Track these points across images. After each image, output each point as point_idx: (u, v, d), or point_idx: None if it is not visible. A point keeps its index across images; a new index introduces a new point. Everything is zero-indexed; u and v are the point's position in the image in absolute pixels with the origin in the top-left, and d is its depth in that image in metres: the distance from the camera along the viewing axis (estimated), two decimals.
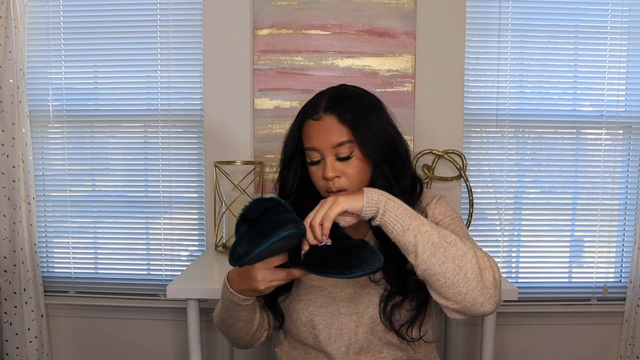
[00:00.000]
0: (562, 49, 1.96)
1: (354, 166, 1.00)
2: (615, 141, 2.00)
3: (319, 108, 1.02)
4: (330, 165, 0.99)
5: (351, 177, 1.00)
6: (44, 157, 2.03)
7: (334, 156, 1.00)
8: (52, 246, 2.08)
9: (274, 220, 0.82)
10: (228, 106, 1.91)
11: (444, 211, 1.06)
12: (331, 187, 0.99)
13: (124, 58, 1.98)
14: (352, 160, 1.00)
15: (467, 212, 1.91)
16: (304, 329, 1.05)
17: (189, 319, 1.41)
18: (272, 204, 0.86)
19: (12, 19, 1.83)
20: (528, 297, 2.02)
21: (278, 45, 1.89)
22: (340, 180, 0.99)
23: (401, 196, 0.97)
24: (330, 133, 0.99)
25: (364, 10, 1.87)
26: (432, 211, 1.06)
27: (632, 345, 1.97)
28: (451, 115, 1.90)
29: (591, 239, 2.04)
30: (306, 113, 1.04)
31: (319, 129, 1.00)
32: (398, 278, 0.99)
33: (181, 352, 2.03)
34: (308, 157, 1.04)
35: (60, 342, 2.07)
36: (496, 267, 0.92)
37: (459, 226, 1.05)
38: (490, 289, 0.88)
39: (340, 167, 1.00)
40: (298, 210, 1.00)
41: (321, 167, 1.01)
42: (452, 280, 0.87)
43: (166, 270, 2.05)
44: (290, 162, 1.08)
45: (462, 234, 1.02)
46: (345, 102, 1.02)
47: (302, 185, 1.08)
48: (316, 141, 1.00)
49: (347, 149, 0.99)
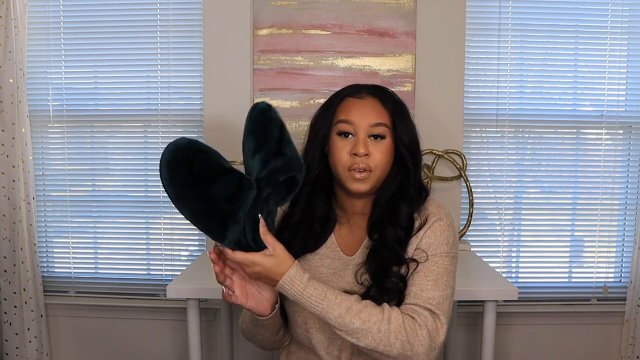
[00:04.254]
0: (562, 49, 1.96)
1: (384, 150, 0.99)
2: (615, 141, 2.00)
3: (361, 89, 1.04)
4: (363, 141, 0.98)
5: (378, 160, 0.99)
6: (44, 157, 2.03)
7: (367, 135, 0.99)
8: (52, 246, 2.08)
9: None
10: (228, 106, 1.91)
11: (433, 242, 0.99)
12: (358, 163, 0.97)
13: (124, 58, 1.98)
14: (383, 142, 1.00)
15: (467, 212, 1.91)
16: (300, 331, 1.06)
17: (189, 319, 1.41)
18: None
19: (12, 19, 1.83)
20: (528, 297, 2.02)
21: (278, 45, 1.89)
22: (369, 159, 0.98)
23: (408, 201, 1.00)
24: (371, 112, 1.00)
25: (364, 10, 1.87)
26: (423, 234, 1.00)
27: (632, 345, 1.97)
28: (451, 115, 1.90)
29: (591, 239, 2.04)
30: (347, 92, 1.04)
31: (360, 105, 1.01)
32: (378, 274, 0.98)
33: (181, 352, 2.03)
34: (338, 129, 1.01)
35: (60, 342, 2.07)
36: (426, 341, 0.90)
37: (437, 267, 0.98)
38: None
39: (371, 146, 0.99)
40: (309, 205, 1.02)
41: (350, 142, 0.99)
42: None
43: (166, 270, 2.05)
44: (316, 141, 1.04)
45: (431, 278, 0.96)
46: (386, 92, 1.05)
47: (318, 175, 1.05)
48: (355, 115, 1.00)
49: (382, 130, 0.99)
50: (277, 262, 0.88)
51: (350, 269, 1.03)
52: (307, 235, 1.05)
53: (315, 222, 1.06)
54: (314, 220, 1.06)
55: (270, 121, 0.91)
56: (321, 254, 1.06)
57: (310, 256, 1.06)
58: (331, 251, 1.07)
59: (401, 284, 0.98)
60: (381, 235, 1.01)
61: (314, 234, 1.06)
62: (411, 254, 1.00)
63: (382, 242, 1.00)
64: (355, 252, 1.06)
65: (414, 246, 1.00)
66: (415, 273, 0.98)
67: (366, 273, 1.00)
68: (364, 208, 1.06)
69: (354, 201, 1.06)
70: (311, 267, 1.06)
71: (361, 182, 0.98)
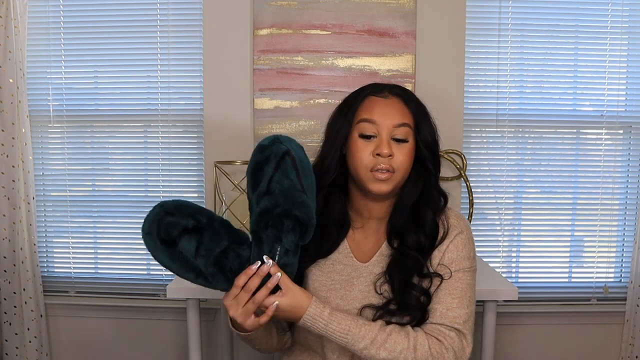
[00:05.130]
0: (562, 49, 1.95)
1: (406, 152, 0.97)
2: (615, 141, 2.00)
3: (384, 89, 1.01)
4: (386, 142, 0.95)
5: (400, 162, 0.96)
6: (44, 157, 2.03)
7: (390, 136, 0.96)
8: (52, 246, 2.08)
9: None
10: (228, 106, 1.91)
11: (456, 258, 0.98)
12: (382, 164, 0.95)
13: (124, 58, 1.98)
14: (406, 145, 0.97)
15: (467, 212, 1.91)
16: (311, 337, 1.03)
17: (189, 319, 1.41)
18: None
19: (12, 19, 1.83)
20: (528, 297, 2.02)
21: (278, 45, 1.89)
22: (392, 160, 0.95)
23: (433, 206, 0.99)
24: (395, 112, 0.97)
25: (364, 10, 1.87)
26: (445, 248, 0.99)
27: (632, 345, 1.97)
28: (451, 115, 1.90)
29: (591, 239, 2.04)
30: (369, 91, 1.01)
31: (383, 105, 0.98)
32: (401, 288, 0.96)
33: (181, 352, 2.03)
34: (360, 129, 0.97)
35: (60, 342, 2.07)
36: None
37: (461, 283, 0.98)
38: None
39: (394, 148, 0.96)
40: (325, 207, 1.00)
41: (372, 143, 0.96)
42: None
43: (166, 270, 2.04)
44: (337, 142, 1.00)
45: (456, 295, 0.96)
46: (408, 93, 1.03)
47: (337, 177, 1.02)
48: (378, 114, 0.97)
49: (405, 132, 0.97)
50: (294, 301, 0.88)
51: (364, 277, 1.00)
52: (321, 240, 1.01)
53: (332, 226, 1.03)
54: (330, 224, 1.02)
55: (267, 158, 0.90)
56: (333, 260, 1.03)
57: (322, 262, 1.03)
58: (344, 257, 1.03)
59: (424, 298, 0.96)
60: (402, 242, 0.99)
61: (329, 238, 1.02)
62: (435, 267, 0.98)
63: (403, 250, 0.98)
64: (370, 259, 1.02)
65: (437, 260, 0.98)
66: (439, 290, 0.97)
67: (386, 283, 0.98)
68: (381, 212, 1.03)
69: (370, 204, 1.02)
70: (323, 273, 1.02)
71: (383, 183, 0.96)
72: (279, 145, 0.90)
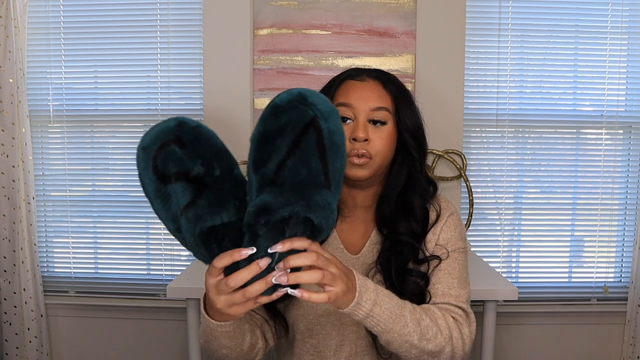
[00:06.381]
0: (562, 49, 1.95)
1: (385, 137, 0.93)
2: (615, 141, 2.00)
3: (362, 72, 0.98)
4: (362, 126, 0.92)
5: (378, 147, 0.92)
6: (44, 157, 2.03)
7: (367, 120, 0.93)
8: (52, 246, 2.08)
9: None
10: (228, 106, 1.91)
11: (451, 238, 0.98)
12: (357, 148, 0.91)
13: (123, 58, 1.98)
14: (384, 128, 0.94)
15: (467, 212, 1.91)
16: (300, 337, 0.99)
17: (189, 319, 1.41)
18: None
19: (12, 18, 1.83)
20: (528, 297, 2.02)
21: (278, 45, 1.89)
22: (369, 145, 0.92)
23: (421, 192, 0.96)
24: (372, 95, 0.94)
25: (364, 10, 1.87)
26: (440, 229, 0.99)
27: (633, 345, 1.97)
28: (451, 115, 1.90)
29: (591, 239, 2.04)
30: (347, 75, 0.98)
31: (360, 88, 0.95)
32: (398, 275, 0.95)
33: (181, 352, 2.03)
34: None
35: (60, 342, 2.07)
36: (469, 339, 0.91)
37: (458, 263, 0.98)
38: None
39: (371, 132, 0.93)
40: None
41: (349, 127, 0.93)
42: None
43: (166, 270, 2.05)
44: None
45: (455, 275, 0.96)
46: (388, 76, 0.99)
47: None
48: (354, 98, 0.94)
49: (384, 115, 0.94)
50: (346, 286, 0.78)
51: (356, 268, 0.97)
52: None
53: None
54: None
55: (282, 128, 0.63)
56: None
57: None
58: (334, 249, 1.00)
59: (422, 282, 0.95)
60: (392, 229, 0.96)
61: None
62: (431, 250, 0.97)
63: (395, 238, 0.95)
64: (361, 249, 1.00)
65: (433, 242, 0.97)
66: (437, 270, 0.96)
67: (378, 273, 0.96)
68: (366, 200, 1.00)
69: (354, 192, 0.99)
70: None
71: (360, 168, 0.92)
72: (303, 109, 0.63)
